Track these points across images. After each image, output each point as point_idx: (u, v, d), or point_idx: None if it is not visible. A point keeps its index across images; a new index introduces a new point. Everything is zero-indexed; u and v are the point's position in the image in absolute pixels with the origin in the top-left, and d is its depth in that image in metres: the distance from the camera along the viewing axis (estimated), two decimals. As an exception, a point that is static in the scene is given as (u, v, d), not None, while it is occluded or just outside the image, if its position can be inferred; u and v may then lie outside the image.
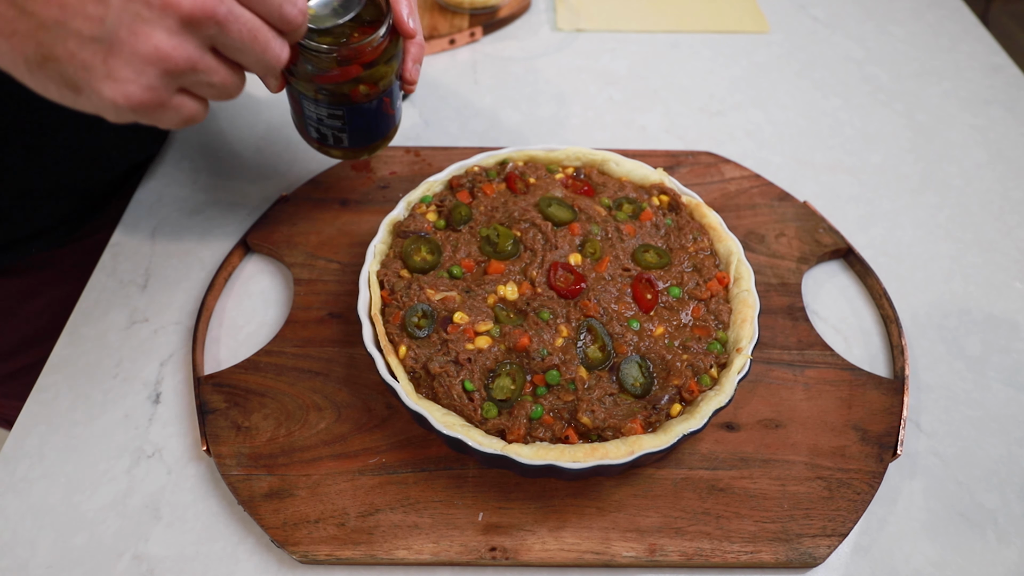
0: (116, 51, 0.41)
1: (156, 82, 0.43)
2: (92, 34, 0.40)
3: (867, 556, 0.62)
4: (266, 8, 0.46)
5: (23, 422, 0.69)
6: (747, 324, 0.65)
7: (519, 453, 0.56)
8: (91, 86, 0.42)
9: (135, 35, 0.41)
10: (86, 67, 0.41)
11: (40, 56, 0.41)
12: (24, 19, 0.40)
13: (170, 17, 0.41)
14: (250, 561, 0.61)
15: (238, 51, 0.46)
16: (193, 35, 0.43)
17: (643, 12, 1.25)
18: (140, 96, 0.43)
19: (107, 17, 0.40)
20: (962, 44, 1.19)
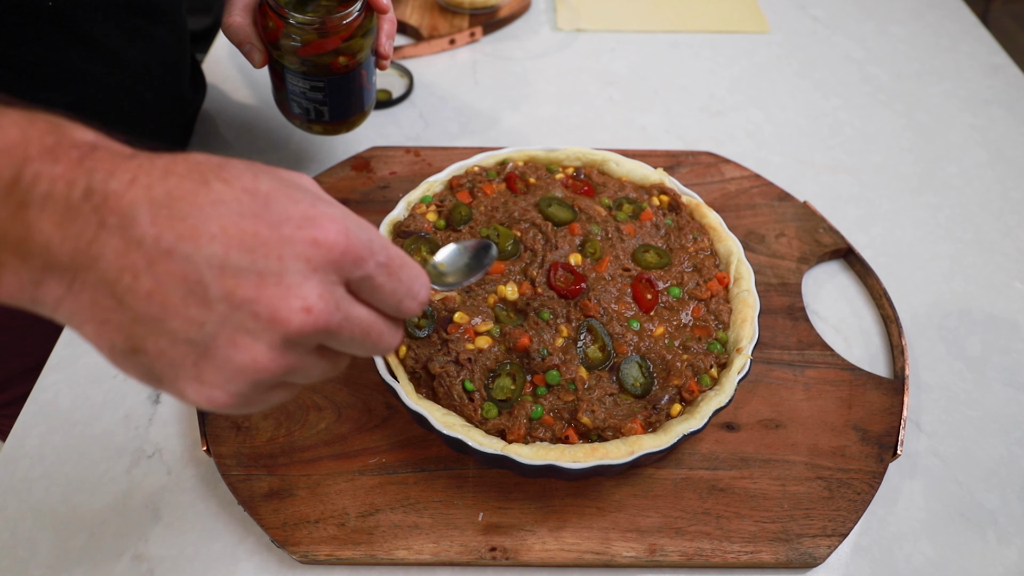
0: (209, 356, 0.37)
1: (245, 390, 0.39)
2: (188, 336, 0.36)
3: (867, 556, 0.62)
4: (385, 303, 0.42)
5: (23, 422, 0.69)
6: (747, 324, 0.65)
7: (519, 453, 0.56)
8: (175, 384, 0.38)
9: (233, 345, 0.37)
10: (174, 365, 0.37)
11: (129, 347, 0.37)
12: (121, 311, 0.36)
13: (276, 333, 0.37)
14: (250, 561, 0.61)
15: (347, 347, 0.41)
16: (298, 346, 0.39)
17: (643, 12, 1.25)
18: (224, 401, 0.39)
19: (208, 322, 0.36)
20: (962, 44, 1.19)
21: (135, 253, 0.35)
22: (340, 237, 0.38)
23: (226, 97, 1.05)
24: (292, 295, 0.36)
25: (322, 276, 0.38)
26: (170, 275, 0.35)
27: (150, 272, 0.35)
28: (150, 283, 0.35)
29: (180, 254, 0.35)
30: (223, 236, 0.35)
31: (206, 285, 0.35)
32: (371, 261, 0.40)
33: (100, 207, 0.34)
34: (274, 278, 0.36)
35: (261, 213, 0.37)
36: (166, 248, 0.35)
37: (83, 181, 0.34)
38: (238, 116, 1.02)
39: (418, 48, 1.13)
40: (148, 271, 0.35)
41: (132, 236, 0.34)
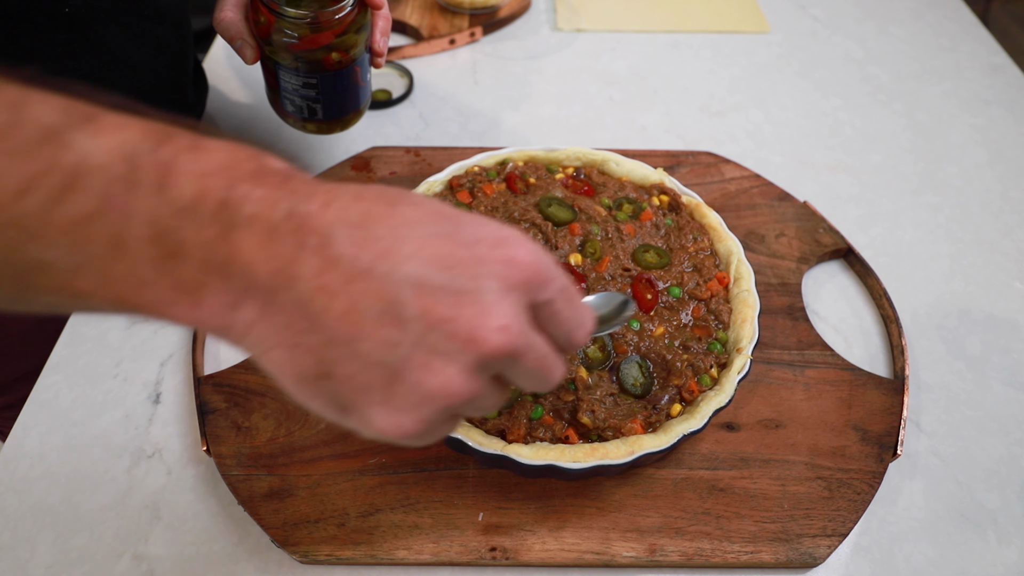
0: (401, 380, 0.36)
1: (433, 416, 0.37)
2: (381, 358, 0.35)
3: (867, 556, 0.62)
4: (559, 331, 0.41)
5: (23, 422, 0.69)
6: (747, 324, 0.65)
7: (519, 453, 0.56)
8: (362, 411, 0.37)
9: (427, 368, 0.36)
10: (363, 390, 0.36)
11: (318, 372, 0.36)
12: (313, 332, 0.35)
13: (471, 354, 0.36)
14: (250, 561, 0.61)
15: (522, 378, 0.40)
16: (486, 370, 0.38)
17: (643, 12, 1.25)
18: (411, 429, 0.37)
19: (402, 343, 0.35)
20: (962, 44, 1.19)
21: (332, 272, 0.34)
22: (532, 257, 0.38)
23: (225, 97, 1.05)
24: (490, 314, 0.36)
25: (515, 297, 0.37)
26: (366, 294, 0.34)
27: (346, 291, 0.34)
28: (345, 303, 0.34)
29: (377, 273, 0.34)
30: (419, 256, 0.35)
31: (402, 304, 0.35)
32: (554, 285, 0.39)
33: (299, 228, 0.34)
34: (471, 297, 0.35)
35: (453, 234, 0.36)
36: (363, 267, 0.34)
37: (285, 203, 0.34)
38: (237, 116, 1.02)
39: (418, 48, 1.13)
40: (344, 290, 0.34)
41: (329, 256, 0.34)
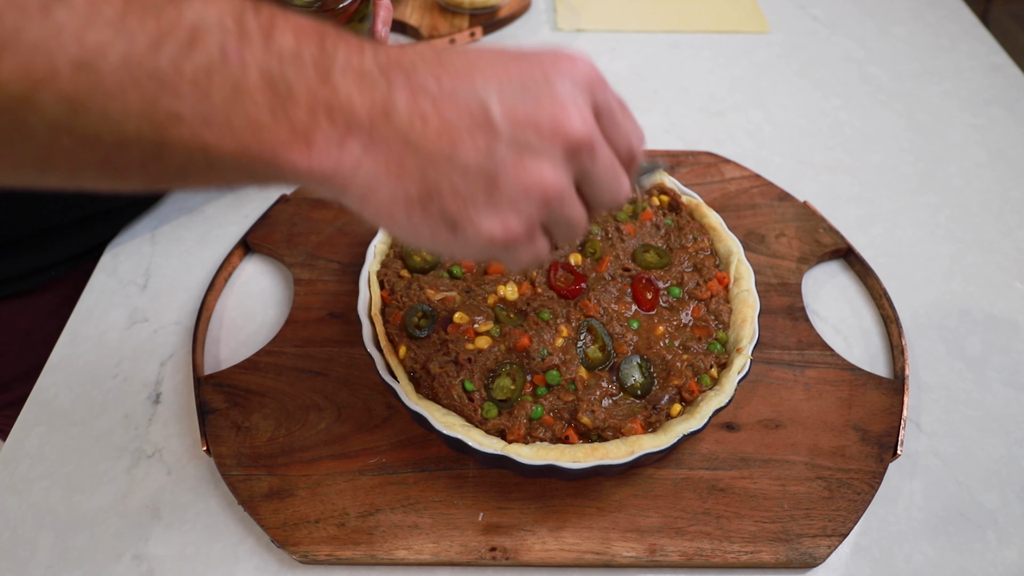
0: (501, 180, 0.39)
1: (534, 213, 0.41)
2: (479, 164, 0.39)
3: (867, 556, 0.62)
4: (620, 138, 0.45)
5: (23, 422, 0.69)
6: (747, 324, 0.65)
7: (519, 453, 0.56)
8: (470, 219, 0.40)
9: (521, 164, 0.39)
10: (468, 199, 0.40)
11: (424, 192, 0.39)
12: (414, 156, 0.39)
13: (558, 144, 0.40)
14: (250, 561, 0.61)
15: (596, 184, 0.44)
16: (571, 165, 0.41)
17: (643, 12, 1.25)
18: (517, 228, 0.41)
19: (495, 146, 0.39)
20: (962, 44, 1.19)
21: (422, 99, 0.38)
22: (589, 62, 0.43)
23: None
24: (568, 105, 0.40)
25: (584, 95, 0.41)
26: (455, 111, 0.39)
27: (437, 113, 0.38)
28: (438, 122, 0.38)
29: (462, 93, 0.39)
30: (495, 75, 0.39)
31: (489, 112, 0.39)
32: (610, 90, 0.44)
33: (386, 70, 0.38)
34: (547, 94, 0.40)
35: (517, 58, 0.41)
36: (449, 90, 0.39)
37: (368, 53, 0.39)
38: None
39: (418, 48, 1.13)
40: (435, 112, 0.38)
41: (417, 85, 0.38)
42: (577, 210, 0.44)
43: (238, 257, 0.83)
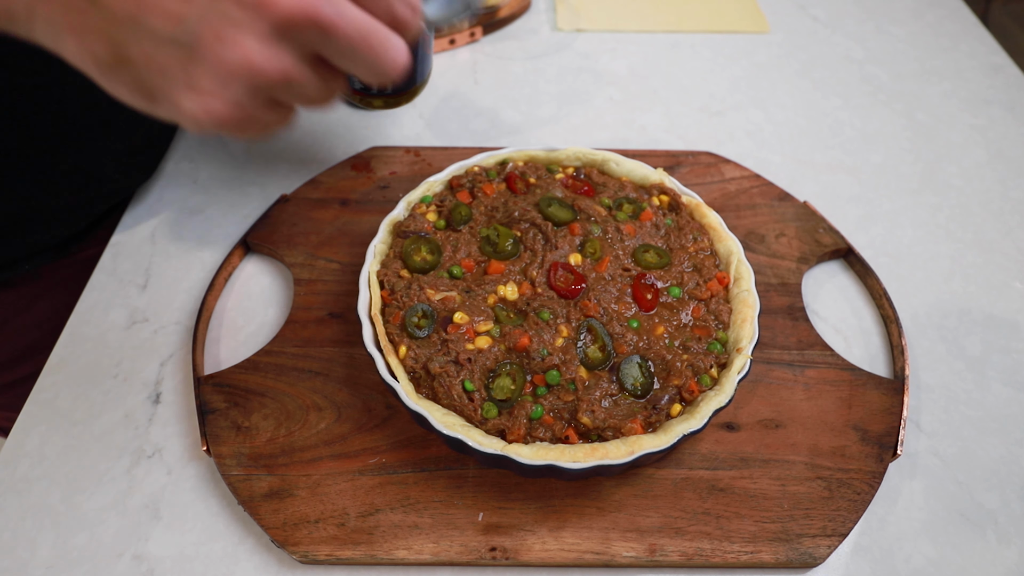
0: (198, 57, 0.34)
1: (243, 97, 0.36)
2: (171, 34, 0.34)
3: (867, 556, 0.62)
4: (376, 5, 0.38)
5: (23, 422, 0.69)
6: (747, 324, 0.65)
7: (519, 453, 0.56)
8: (169, 96, 0.36)
9: (221, 40, 0.34)
10: (163, 73, 0.35)
11: (113, 57, 0.35)
12: (95, 12, 0.34)
13: (264, 20, 0.34)
14: (250, 561, 0.61)
15: (346, 57, 0.37)
16: (290, 42, 0.35)
17: (643, 12, 1.25)
18: (223, 112, 0.36)
19: (188, 15, 0.33)
20: (962, 44, 1.19)
21: None
22: None
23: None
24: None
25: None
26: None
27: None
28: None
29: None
30: None
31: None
32: None
33: None
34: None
35: None
36: None
37: None
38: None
39: (418, 48, 1.13)
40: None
41: None
42: (313, 87, 0.38)
43: (238, 257, 0.83)
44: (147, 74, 0.35)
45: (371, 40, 0.37)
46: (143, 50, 0.35)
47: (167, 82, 0.35)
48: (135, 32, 0.34)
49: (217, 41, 0.34)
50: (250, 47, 0.34)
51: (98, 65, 0.36)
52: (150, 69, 0.35)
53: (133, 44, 0.34)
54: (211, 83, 0.35)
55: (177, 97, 0.36)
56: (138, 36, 0.34)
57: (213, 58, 0.34)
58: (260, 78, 0.35)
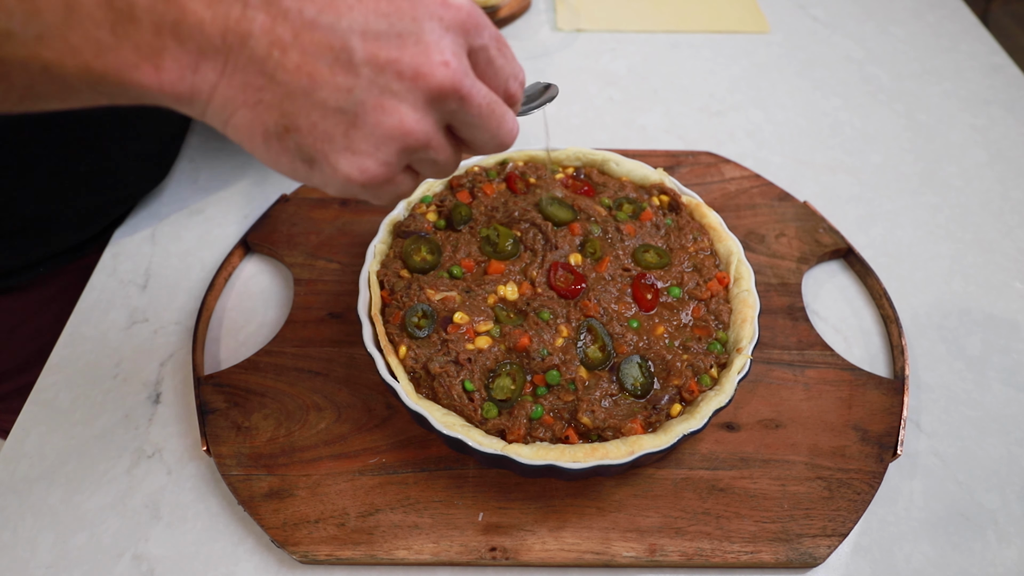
0: (360, 123, 0.39)
1: (392, 158, 0.41)
2: (338, 104, 0.38)
3: (867, 556, 0.62)
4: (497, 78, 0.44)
5: (23, 422, 0.69)
6: (747, 324, 0.65)
7: (519, 453, 0.56)
8: (328, 159, 0.40)
9: (381, 108, 0.39)
10: (326, 139, 0.39)
11: (281, 127, 0.39)
12: (272, 88, 0.38)
13: (419, 91, 0.39)
14: (250, 561, 0.61)
15: (474, 127, 0.44)
16: (436, 111, 0.41)
17: (643, 12, 1.25)
18: (375, 172, 0.41)
19: (356, 88, 0.38)
20: (962, 44, 1.19)
21: (281, 27, 0.37)
22: (463, 7, 0.41)
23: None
24: (432, 51, 0.39)
25: (454, 37, 0.40)
26: (316, 45, 0.37)
27: (297, 44, 0.37)
28: (298, 55, 0.37)
29: (324, 24, 0.37)
30: (360, 6, 0.38)
31: (351, 51, 0.38)
32: (488, 31, 0.42)
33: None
34: (413, 38, 0.39)
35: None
36: (309, 20, 0.37)
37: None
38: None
39: (418, 48, 1.13)
40: (295, 43, 0.37)
41: (276, 11, 0.37)
42: (444, 153, 0.43)
43: (238, 257, 0.83)
44: (310, 140, 0.40)
45: (495, 111, 0.44)
46: (310, 120, 0.39)
47: (328, 146, 0.40)
48: (306, 104, 0.38)
49: (378, 109, 0.39)
50: (406, 113, 0.40)
51: (266, 136, 0.40)
52: (314, 136, 0.39)
53: (302, 115, 0.39)
54: (368, 145, 0.40)
55: (335, 159, 0.40)
56: (308, 107, 0.38)
57: (374, 123, 0.39)
58: (410, 140, 0.40)
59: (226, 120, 0.39)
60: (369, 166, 0.40)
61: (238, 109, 0.39)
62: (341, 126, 0.39)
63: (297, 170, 0.41)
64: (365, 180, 0.41)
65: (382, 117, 0.39)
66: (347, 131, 0.39)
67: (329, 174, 0.41)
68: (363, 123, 0.39)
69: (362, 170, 0.40)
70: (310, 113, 0.38)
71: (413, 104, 0.39)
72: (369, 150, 0.40)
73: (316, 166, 0.40)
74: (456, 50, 0.40)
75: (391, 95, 0.39)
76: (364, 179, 0.41)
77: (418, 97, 0.39)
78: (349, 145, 0.40)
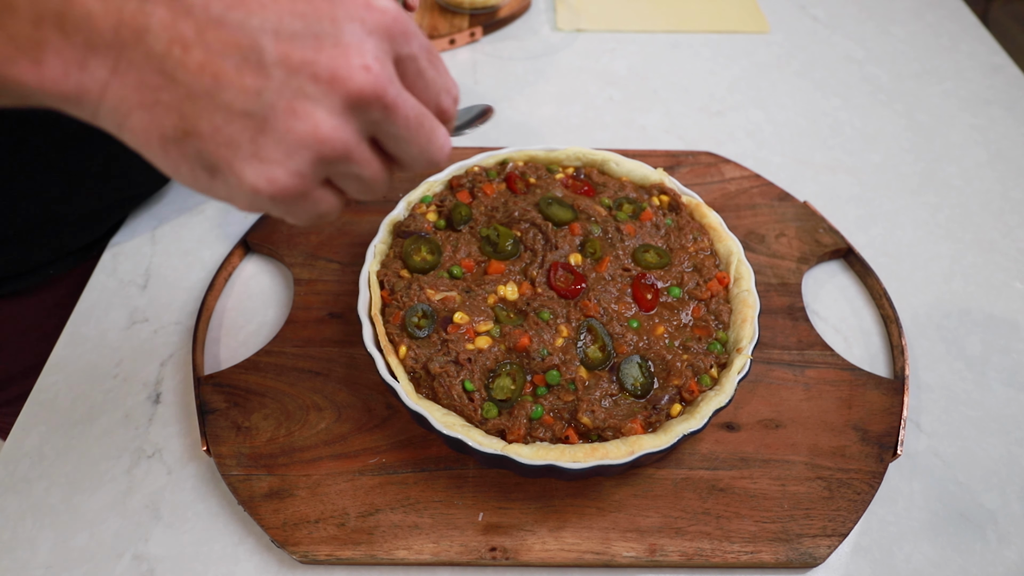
0: (268, 129, 0.35)
1: (306, 168, 0.37)
2: (244, 108, 0.35)
3: (867, 556, 0.62)
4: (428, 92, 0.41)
5: (23, 422, 0.69)
6: (747, 324, 0.65)
7: (519, 453, 0.56)
8: (232, 167, 0.36)
9: (293, 113, 0.35)
10: (230, 144, 0.36)
11: (180, 131, 0.35)
12: (171, 88, 0.34)
13: (336, 95, 0.36)
14: (250, 561, 0.61)
15: (401, 140, 0.40)
16: (356, 119, 0.37)
17: (643, 12, 1.25)
18: (285, 182, 0.37)
19: (265, 90, 0.35)
20: (962, 44, 1.19)
21: (183, 23, 0.34)
22: (391, 6, 0.38)
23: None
24: (352, 54, 0.36)
25: (377, 41, 0.37)
26: (222, 43, 0.34)
27: (201, 42, 0.34)
28: (201, 54, 0.34)
29: (232, 22, 0.34)
30: (274, 5, 0.35)
31: (261, 51, 0.34)
32: (417, 40, 0.39)
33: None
34: (331, 39, 0.36)
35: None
36: (216, 16, 0.34)
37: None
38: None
39: (418, 48, 1.13)
40: (199, 41, 0.34)
41: (179, 6, 0.33)
42: (370, 168, 0.40)
43: (238, 257, 0.83)
44: (213, 146, 0.36)
45: (424, 125, 0.40)
46: (213, 123, 0.35)
47: (232, 153, 0.36)
48: (208, 106, 0.35)
49: (290, 113, 0.35)
50: (321, 119, 0.36)
51: (163, 141, 0.36)
52: (217, 141, 0.36)
53: (204, 118, 0.35)
54: (277, 152, 0.36)
55: (240, 168, 0.36)
56: (211, 110, 0.35)
57: (284, 128, 0.36)
58: (325, 148, 0.37)
59: (120, 123, 0.36)
60: (278, 176, 0.36)
61: (133, 111, 0.35)
62: (248, 131, 0.35)
63: (198, 179, 0.38)
64: (274, 192, 0.37)
65: (294, 122, 0.35)
66: (254, 137, 0.36)
67: (234, 185, 0.37)
68: (273, 128, 0.35)
69: (270, 180, 0.36)
70: (213, 116, 0.35)
71: (329, 109, 0.36)
72: (279, 158, 0.36)
73: (219, 175, 0.37)
74: (379, 55, 0.37)
75: (305, 98, 0.35)
76: (273, 190, 0.37)
77: (335, 102, 0.36)
78: (256, 152, 0.36)
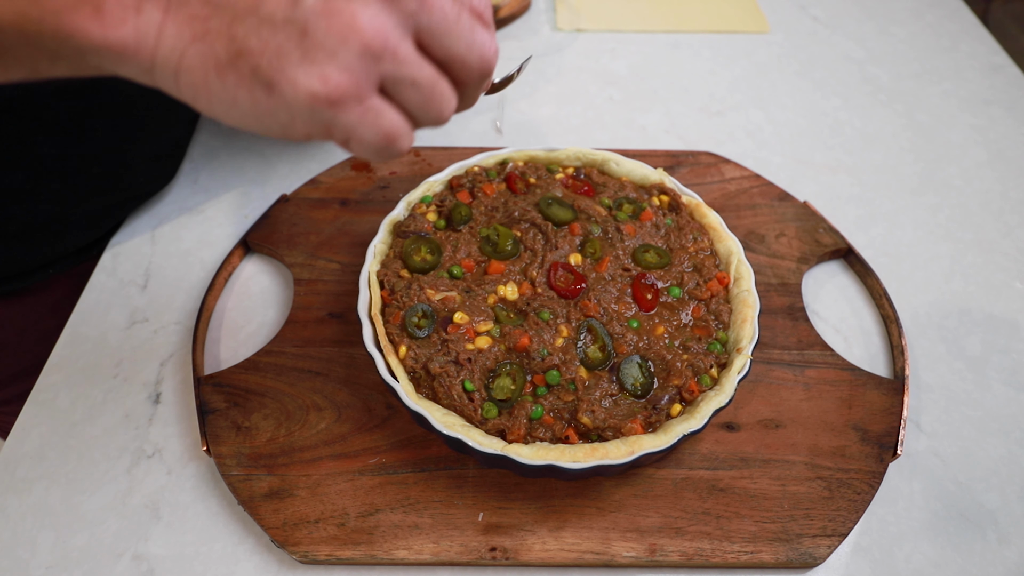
0: (311, 31, 0.37)
1: (354, 62, 0.38)
2: (285, 15, 0.37)
3: (867, 556, 0.62)
4: (456, 46, 0.42)
5: (23, 422, 0.69)
6: (747, 324, 0.65)
7: (519, 453, 0.56)
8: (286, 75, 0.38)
9: (329, 12, 0.37)
10: (280, 54, 0.37)
11: (234, 52, 0.37)
12: (218, 15, 0.37)
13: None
14: (250, 561, 0.61)
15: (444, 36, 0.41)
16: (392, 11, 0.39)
17: (643, 12, 1.25)
18: (338, 80, 0.38)
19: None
20: (962, 44, 1.19)
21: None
22: None
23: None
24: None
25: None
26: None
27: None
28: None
29: None
30: None
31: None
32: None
33: None
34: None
35: None
36: None
37: None
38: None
39: (418, 48, 1.13)
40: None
41: None
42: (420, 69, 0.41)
43: (238, 257, 0.83)
44: (265, 60, 0.38)
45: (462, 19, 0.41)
46: (261, 37, 0.37)
47: (284, 62, 0.38)
48: (254, 22, 0.37)
49: (327, 13, 0.37)
50: (356, 11, 0.38)
51: (219, 68, 0.38)
52: (267, 54, 0.38)
53: (252, 34, 0.37)
54: (323, 52, 0.38)
55: (293, 74, 0.38)
56: (257, 25, 0.37)
57: (325, 27, 0.37)
58: (366, 37, 0.38)
59: (177, 65, 0.38)
60: (331, 74, 0.38)
61: (188, 47, 0.37)
62: (293, 38, 0.37)
63: (258, 102, 0.39)
64: (329, 91, 0.38)
65: (332, 20, 0.37)
66: (300, 42, 0.37)
67: (291, 94, 0.38)
68: (315, 29, 0.37)
69: (323, 79, 0.38)
70: (260, 31, 0.37)
71: (364, 3, 0.38)
72: (325, 57, 0.38)
73: (276, 90, 0.38)
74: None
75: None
76: (328, 90, 0.38)
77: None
78: (305, 55, 0.38)
